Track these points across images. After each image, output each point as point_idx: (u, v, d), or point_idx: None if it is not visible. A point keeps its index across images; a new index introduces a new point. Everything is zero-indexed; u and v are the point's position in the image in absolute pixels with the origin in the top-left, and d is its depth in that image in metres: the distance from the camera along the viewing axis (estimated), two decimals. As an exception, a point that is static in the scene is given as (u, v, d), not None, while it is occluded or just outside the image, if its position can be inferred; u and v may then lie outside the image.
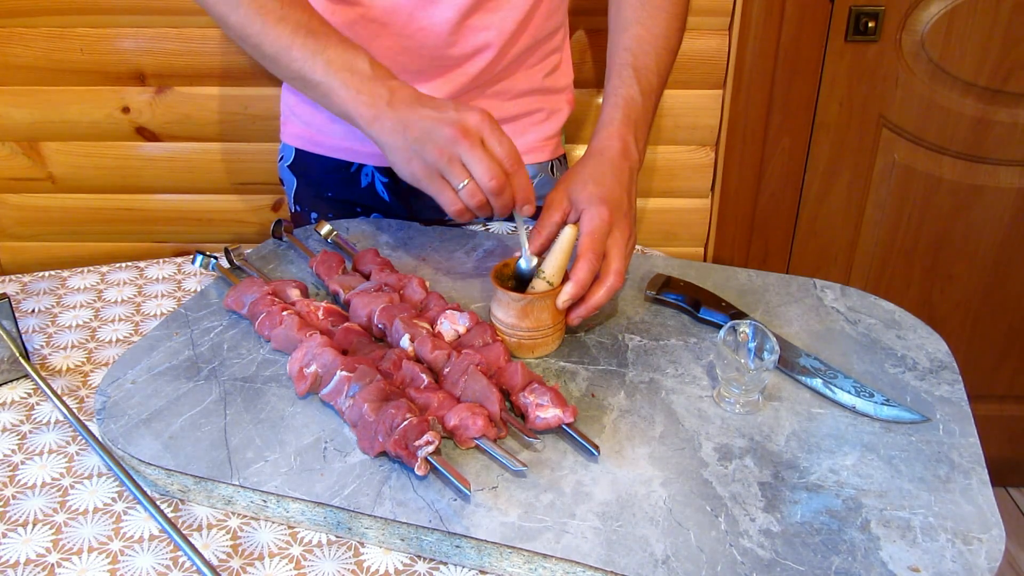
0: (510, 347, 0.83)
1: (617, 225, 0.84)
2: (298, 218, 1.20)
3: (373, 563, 0.66)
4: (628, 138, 0.90)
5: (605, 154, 0.89)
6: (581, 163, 0.89)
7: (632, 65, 0.91)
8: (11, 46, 1.49)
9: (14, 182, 1.61)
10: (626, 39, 0.92)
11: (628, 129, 0.90)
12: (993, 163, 1.61)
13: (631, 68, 0.91)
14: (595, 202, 0.84)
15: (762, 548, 0.64)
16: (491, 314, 0.85)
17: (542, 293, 0.81)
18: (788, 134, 1.58)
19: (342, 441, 0.73)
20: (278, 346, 0.84)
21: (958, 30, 1.50)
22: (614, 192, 0.85)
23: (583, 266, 0.81)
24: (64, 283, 1.01)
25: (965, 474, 0.71)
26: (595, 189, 0.85)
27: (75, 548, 0.67)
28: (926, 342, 0.87)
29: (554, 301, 0.82)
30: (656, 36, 0.93)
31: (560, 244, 0.83)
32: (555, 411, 0.73)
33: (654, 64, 0.93)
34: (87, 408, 0.81)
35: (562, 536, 0.64)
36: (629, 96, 0.92)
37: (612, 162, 0.88)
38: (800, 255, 1.72)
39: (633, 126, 0.91)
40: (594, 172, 0.87)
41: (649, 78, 0.92)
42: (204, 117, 1.55)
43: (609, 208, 0.83)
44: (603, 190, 0.85)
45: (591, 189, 0.85)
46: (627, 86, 0.92)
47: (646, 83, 0.93)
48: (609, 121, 0.91)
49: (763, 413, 0.78)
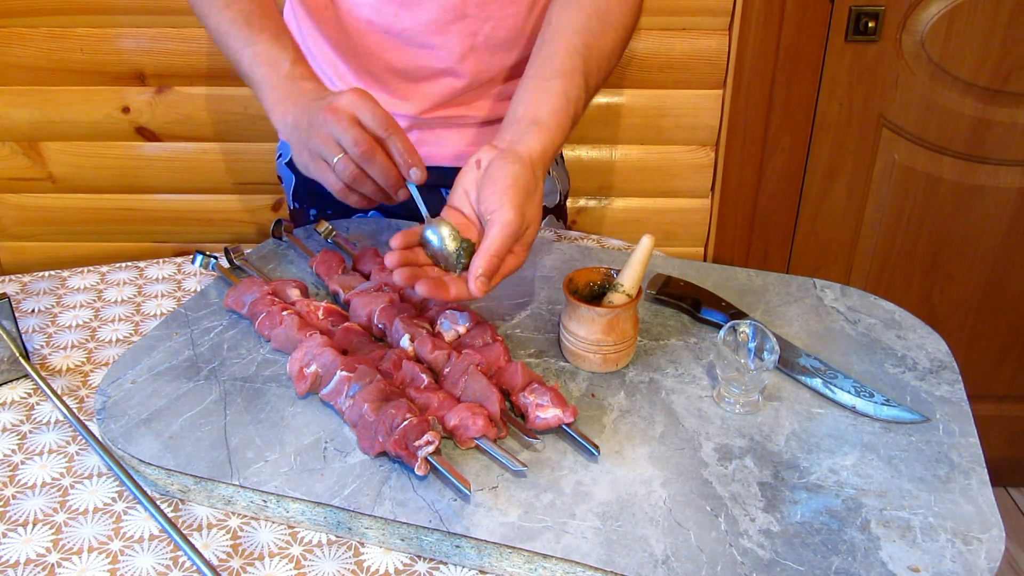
0: (592, 363, 0.81)
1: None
2: (297, 215, 1.20)
3: (373, 563, 0.66)
4: (556, 147, 0.84)
5: (533, 167, 0.80)
6: (514, 168, 0.79)
7: (583, 72, 0.86)
8: (11, 46, 1.49)
9: (14, 182, 1.61)
10: (578, 42, 0.87)
11: (561, 137, 0.84)
12: (993, 163, 1.61)
13: (582, 76, 0.86)
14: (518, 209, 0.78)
15: (762, 548, 0.64)
16: (564, 333, 0.82)
17: (624, 305, 0.80)
18: (788, 134, 1.58)
19: (342, 441, 0.73)
20: (278, 346, 0.84)
21: (958, 30, 1.50)
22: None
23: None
24: (64, 283, 1.01)
25: (965, 474, 0.71)
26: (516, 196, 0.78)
27: (75, 548, 0.67)
28: (926, 342, 0.87)
29: (634, 312, 0.81)
30: (602, 55, 0.89)
31: (637, 255, 0.81)
32: (555, 411, 0.73)
33: (595, 81, 0.89)
34: (87, 408, 0.81)
35: (562, 536, 0.64)
36: (576, 99, 0.86)
37: (535, 175, 0.81)
38: (800, 255, 1.72)
39: (564, 136, 0.85)
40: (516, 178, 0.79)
41: (589, 92, 0.88)
42: (204, 117, 1.55)
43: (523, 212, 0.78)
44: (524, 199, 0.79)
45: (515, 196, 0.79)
46: (576, 88, 0.85)
47: (587, 95, 0.88)
48: (550, 125, 0.83)
49: (763, 413, 0.78)
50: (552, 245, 1.04)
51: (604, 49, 0.89)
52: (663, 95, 1.55)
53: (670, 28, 1.50)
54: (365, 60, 1.04)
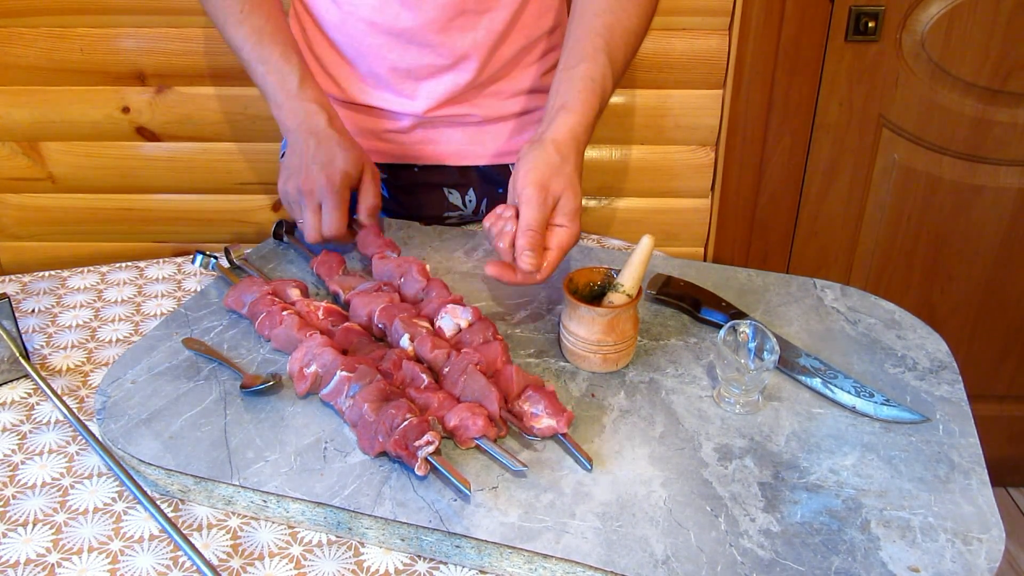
0: (592, 364, 0.81)
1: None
2: (297, 214, 1.21)
3: (373, 563, 0.66)
4: (586, 125, 0.87)
5: (559, 148, 0.84)
6: (537, 154, 0.83)
7: (606, 51, 0.90)
8: (11, 46, 1.49)
9: (14, 182, 1.61)
10: (599, 24, 0.91)
11: (589, 116, 0.87)
12: (993, 163, 1.61)
13: (605, 54, 0.89)
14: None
15: (762, 548, 0.64)
16: (564, 333, 0.82)
17: (625, 305, 0.80)
18: (788, 134, 1.58)
19: (342, 441, 0.73)
20: (278, 346, 0.84)
21: (958, 30, 1.50)
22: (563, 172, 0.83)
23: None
24: (64, 283, 1.01)
25: (965, 474, 0.71)
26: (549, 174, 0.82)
27: (75, 548, 0.67)
28: (926, 342, 0.87)
29: (634, 312, 0.81)
30: (627, 30, 0.92)
31: (637, 255, 0.81)
32: (549, 421, 0.73)
33: (621, 56, 0.92)
34: (87, 408, 0.81)
35: (562, 536, 0.64)
36: (602, 77, 0.89)
37: (561, 154, 0.84)
38: (800, 255, 1.72)
39: (594, 114, 0.88)
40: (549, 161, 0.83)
41: (616, 68, 0.91)
42: (204, 117, 1.55)
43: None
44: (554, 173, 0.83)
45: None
46: (601, 67, 0.89)
47: (613, 71, 0.91)
48: (576, 108, 0.86)
49: (763, 413, 0.78)
50: (552, 245, 1.04)
51: (628, 26, 0.92)
52: (663, 95, 1.55)
53: (670, 28, 1.50)
54: (370, 61, 1.04)
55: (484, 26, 1.02)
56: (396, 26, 1.01)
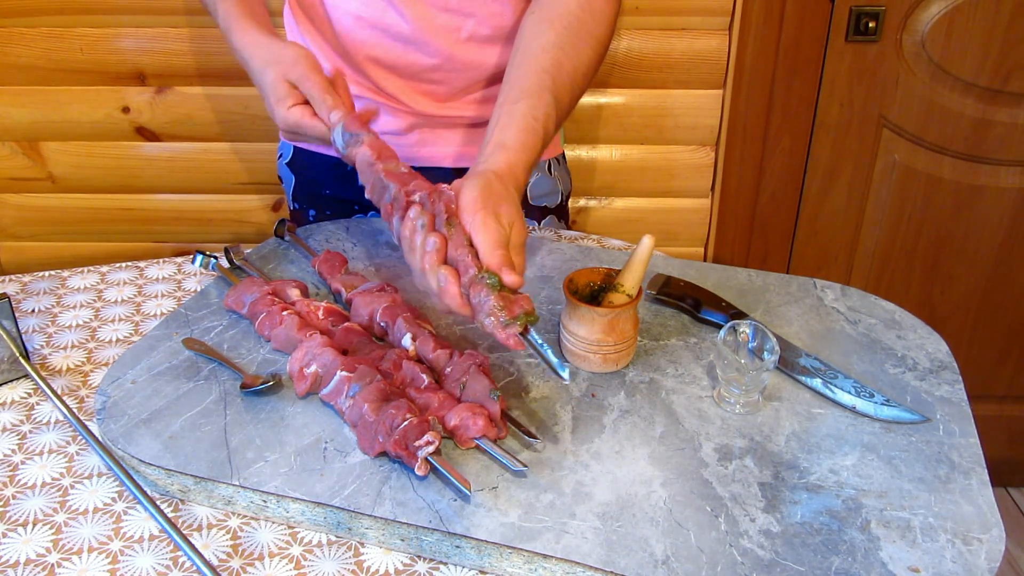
0: (592, 364, 0.81)
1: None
2: (297, 215, 1.21)
3: (373, 563, 0.66)
4: (525, 165, 0.82)
5: (500, 178, 0.79)
6: (477, 181, 0.77)
7: (552, 90, 0.85)
8: (11, 46, 1.49)
9: (14, 182, 1.61)
10: (547, 61, 0.86)
11: (528, 156, 0.82)
12: (993, 163, 1.61)
13: (551, 93, 0.85)
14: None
15: (762, 548, 0.64)
16: (564, 333, 0.82)
17: (625, 305, 0.80)
18: (788, 134, 1.58)
19: (342, 441, 0.73)
20: (278, 346, 0.84)
21: (958, 30, 1.50)
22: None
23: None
24: (64, 283, 1.01)
25: (965, 474, 0.71)
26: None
27: (75, 548, 0.67)
28: (926, 342, 0.87)
29: (634, 312, 0.81)
30: (575, 69, 0.88)
31: (637, 255, 0.81)
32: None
33: (567, 96, 0.88)
34: (87, 408, 0.81)
35: (562, 536, 0.64)
36: (545, 117, 0.85)
37: (503, 183, 0.79)
38: (800, 255, 1.72)
39: (534, 155, 0.83)
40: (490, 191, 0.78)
41: (561, 108, 0.87)
42: (204, 117, 1.56)
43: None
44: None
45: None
46: (545, 107, 0.84)
47: (558, 112, 0.87)
48: (515, 146, 0.81)
49: (763, 413, 0.78)
50: (552, 245, 1.04)
51: (577, 64, 0.88)
52: (663, 95, 1.55)
53: (670, 28, 1.50)
54: (358, 61, 1.05)
55: (468, 28, 1.02)
56: (382, 22, 1.01)
